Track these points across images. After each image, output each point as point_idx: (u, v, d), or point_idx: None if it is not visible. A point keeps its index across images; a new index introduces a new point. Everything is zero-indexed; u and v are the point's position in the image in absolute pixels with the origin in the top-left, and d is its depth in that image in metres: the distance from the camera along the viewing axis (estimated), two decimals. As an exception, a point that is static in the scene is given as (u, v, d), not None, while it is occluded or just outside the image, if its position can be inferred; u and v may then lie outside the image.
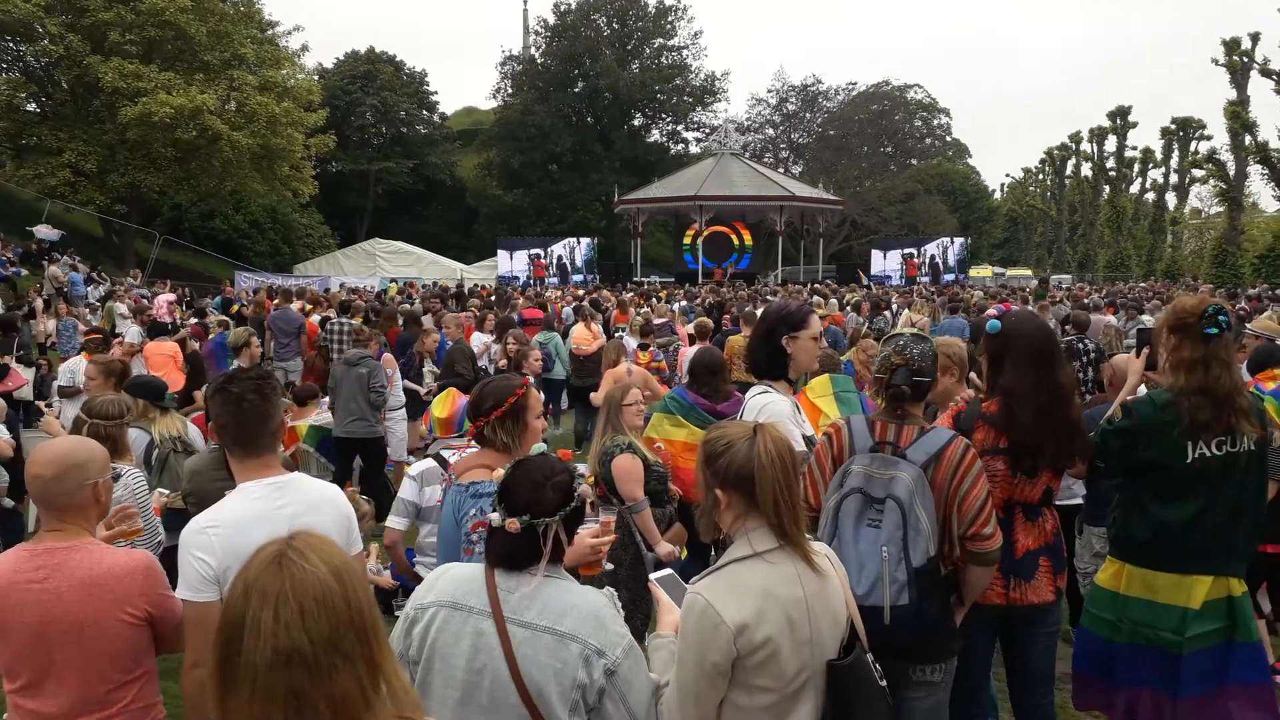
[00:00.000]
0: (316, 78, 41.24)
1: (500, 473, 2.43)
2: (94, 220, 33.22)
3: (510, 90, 52.24)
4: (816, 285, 27.77)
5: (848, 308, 15.35)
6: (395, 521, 4.17)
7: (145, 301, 17.77)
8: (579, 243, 39.28)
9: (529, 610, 2.24)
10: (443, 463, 3.84)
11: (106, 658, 2.60)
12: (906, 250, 40.01)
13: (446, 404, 5.13)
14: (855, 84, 55.38)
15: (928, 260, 39.74)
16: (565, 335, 12.58)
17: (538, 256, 37.97)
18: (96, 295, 22.34)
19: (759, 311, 10.08)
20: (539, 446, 3.50)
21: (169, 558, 4.67)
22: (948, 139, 60.01)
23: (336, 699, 1.42)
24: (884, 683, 2.40)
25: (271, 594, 1.42)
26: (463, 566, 2.44)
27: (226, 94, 31.13)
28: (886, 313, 16.22)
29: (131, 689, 2.67)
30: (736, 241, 40.63)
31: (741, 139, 51.31)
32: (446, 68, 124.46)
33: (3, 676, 2.66)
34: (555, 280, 35.87)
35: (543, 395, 8.04)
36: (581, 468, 4.67)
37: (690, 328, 11.94)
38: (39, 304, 18.87)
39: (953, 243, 41.28)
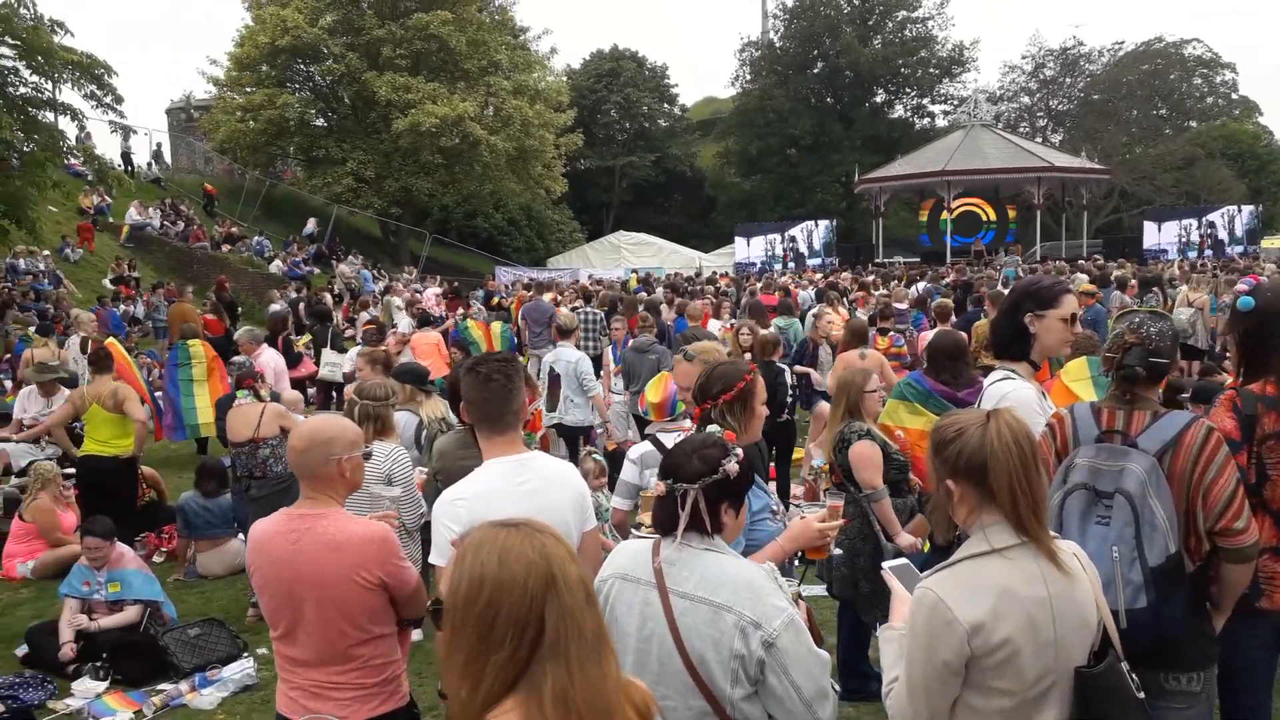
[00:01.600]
0: (565, 79, 43.12)
1: None
2: (373, 223, 36.66)
3: (749, 77, 52.13)
4: (1081, 261, 25.75)
5: (1111, 285, 14.10)
6: (619, 502, 4.34)
7: (417, 295, 19.35)
8: (817, 225, 38.60)
9: (687, 581, 2.32)
10: (659, 446, 3.94)
11: (344, 616, 2.85)
12: (1185, 221, 36.11)
13: (659, 388, 5.23)
14: (1122, 43, 50.55)
15: (1209, 231, 35.66)
16: (803, 320, 12.46)
17: (776, 241, 37.69)
18: (377, 290, 24.61)
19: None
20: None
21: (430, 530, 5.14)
22: (1233, 97, 53.42)
23: (605, 631, 1.61)
24: (1142, 695, 2.22)
25: (564, 554, 1.59)
26: (638, 541, 2.54)
27: (484, 100, 33.26)
28: (1157, 290, 14.79)
29: (369, 647, 2.91)
30: (985, 218, 38.39)
31: (993, 109, 48.35)
32: (687, 59, 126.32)
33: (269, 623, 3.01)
34: (792, 265, 35.51)
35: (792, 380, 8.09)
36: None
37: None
38: (329, 300, 21.05)
39: (1240, 211, 36.73)
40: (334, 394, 12.21)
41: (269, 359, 9.76)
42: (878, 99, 51.97)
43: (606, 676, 1.54)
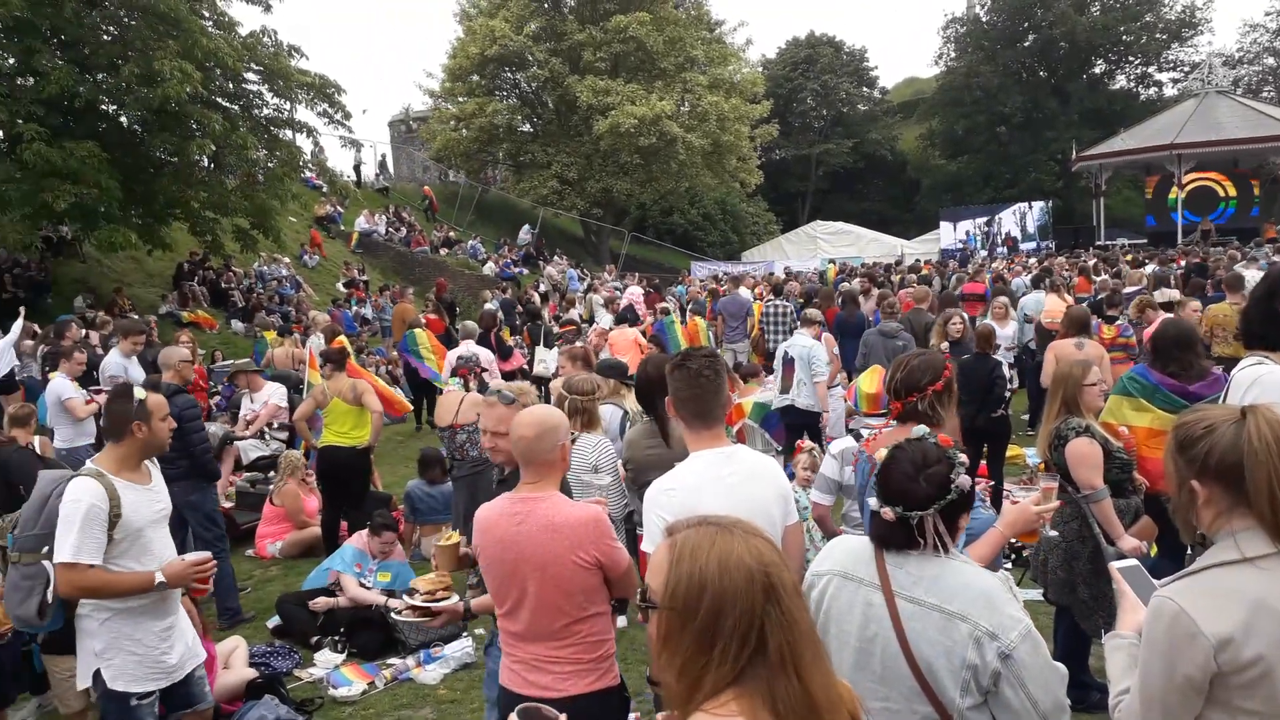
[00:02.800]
0: (760, 69, 42.90)
1: (884, 453, 2.42)
2: (576, 223, 37.91)
3: (953, 54, 49.99)
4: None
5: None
6: (819, 497, 4.31)
7: (616, 293, 19.85)
8: (1030, 207, 36.49)
9: (917, 587, 2.25)
10: (861, 440, 3.88)
11: (563, 594, 3.00)
12: None
13: (874, 379, 5.11)
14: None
15: None
16: (1014, 305, 11.85)
17: (991, 222, 35.90)
18: (580, 289, 25.43)
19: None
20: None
21: (632, 519, 5.28)
22: None
23: (816, 633, 1.64)
24: None
25: (779, 559, 1.60)
26: (857, 538, 2.48)
27: (681, 97, 33.62)
28: None
29: (585, 624, 3.05)
30: (1223, 193, 34.97)
31: (1230, 74, 43.93)
32: (887, 40, 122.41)
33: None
34: (1002, 250, 33.73)
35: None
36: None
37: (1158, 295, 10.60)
38: (536, 299, 21.96)
39: None
40: (542, 389, 12.72)
41: (481, 353, 10.33)
42: (1096, 70, 48.52)
43: (824, 679, 1.55)
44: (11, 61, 15.51)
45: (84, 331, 11.67)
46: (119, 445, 3.78)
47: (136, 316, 15.23)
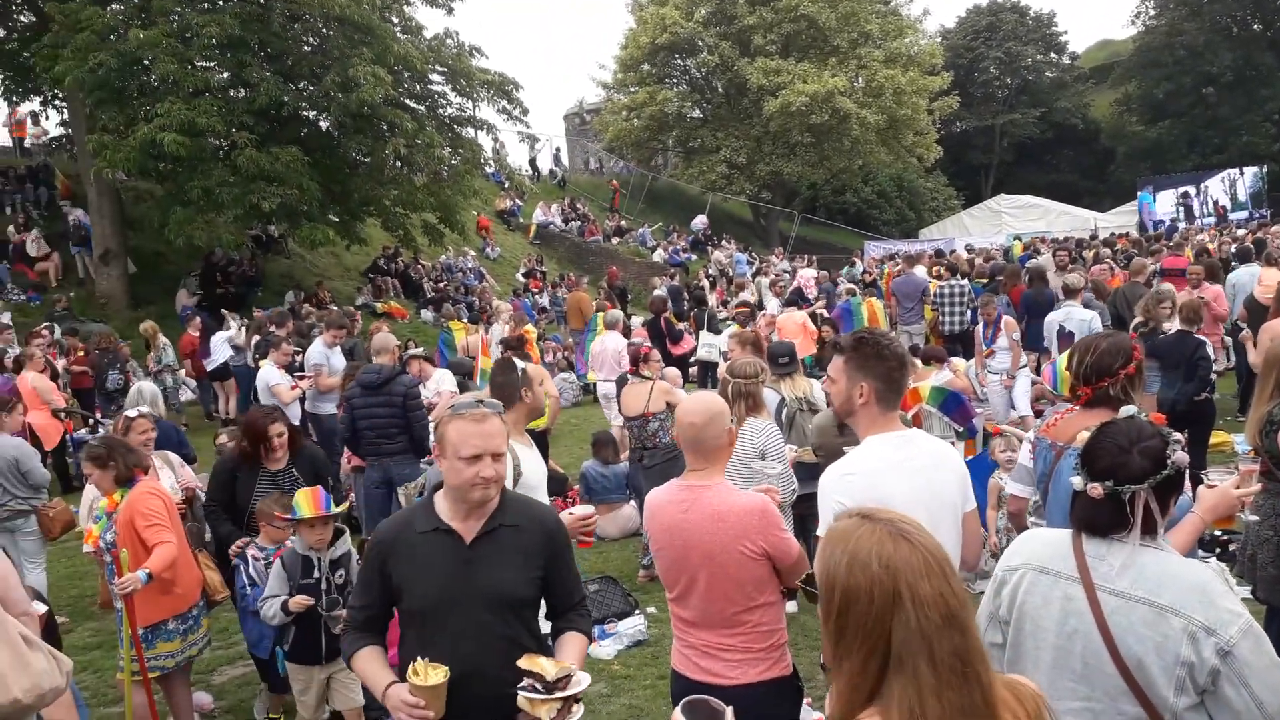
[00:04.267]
0: (938, 40, 41.23)
1: (1085, 435, 2.30)
2: (745, 207, 37.74)
3: (1152, 12, 46.30)
4: None
5: None
6: (1017, 488, 4.14)
7: (783, 276, 19.66)
8: (1241, 173, 33.41)
9: (1121, 579, 2.12)
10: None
11: (732, 583, 2.99)
12: None
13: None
14: None
15: None
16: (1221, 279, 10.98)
17: (1186, 195, 33.16)
18: (749, 273, 25.33)
19: None
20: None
21: (803, 504, 5.25)
22: None
23: (974, 652, 1.54)
24: None
25: (918, 567, 1.53)
26: (1051, 530, 2.38)
27: (855, 73, 32.82)
28: None
29: (755, 614, 3.03)
30: None
31: None
32: (1076, 2, 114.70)
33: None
34: (1210, 220, 31.06)
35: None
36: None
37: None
38: (705, 284, 22.05)
39: None
40: (707, 374, 12.83)
41: (616, 343, 10.66)
42: (1322, 17, 43.77)
43: (969, 701, 1.49)
44: (226, 75, 16.95)
45: (291, 323, 12.65)
46: (509, 412, 4.05)
47: (336, 308, 16.36)
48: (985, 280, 13.79)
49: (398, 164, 18.79)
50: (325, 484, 4.96)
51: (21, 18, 18.86)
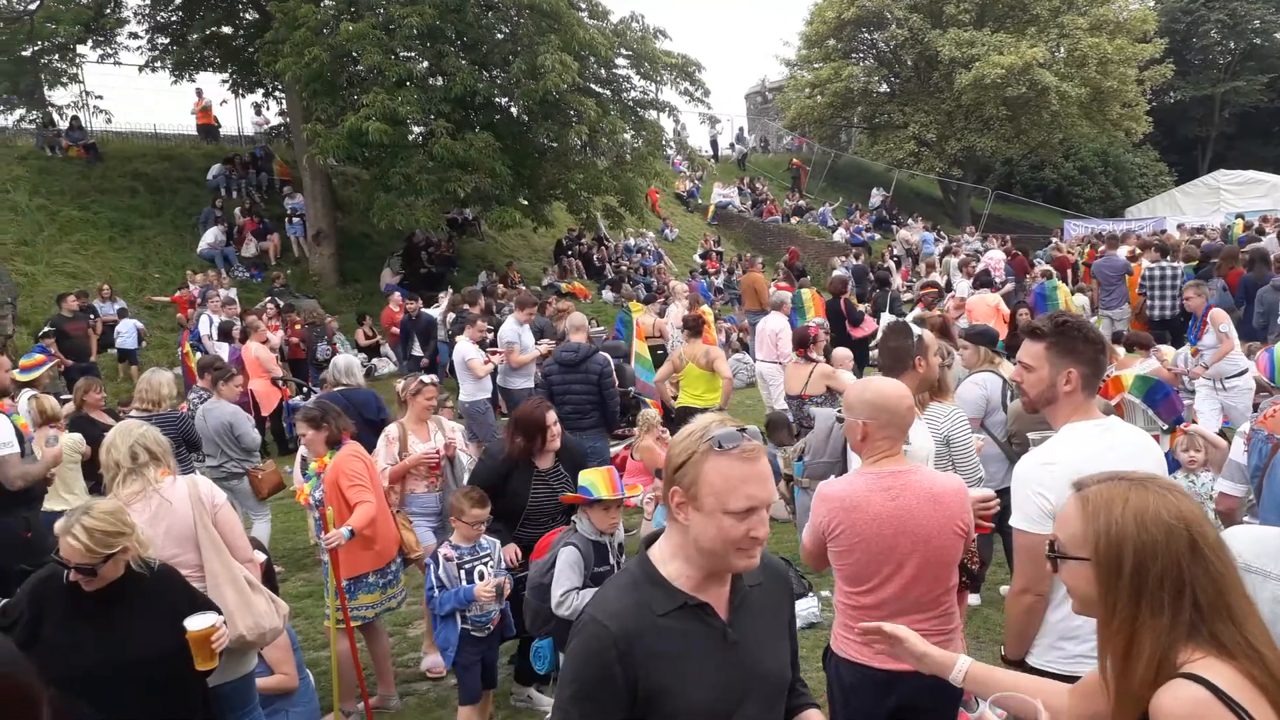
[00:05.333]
0: (1151, 4, 38.22)
1: None
2: (933, 184, 36.36)
3: None
4: None
5: None
6: (1228, 486, 3.86)
7: (974, 257, 18.84)
8: None
9: None
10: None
11: (944, 564, 2.99)
12: None
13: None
14: None
15: None
16: None
17: None
18: (937, 253, 24.44)
19: None
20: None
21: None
22: None
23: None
24: None
25: (1200, 515, 1.58)
26: (1261, 528, 2.22)
27: (1055, 43, 30.95)
28: None
29: (949, 596, 3.03)
30: None
31: None
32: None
33: (840, 581, 3.11)
34: None
35: None
36: None
37: None
38: (891, 264, 21.45)
39: None
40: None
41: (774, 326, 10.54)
42: None
43: (1264, 634, 1.53)
44: (425, 65, 17.86)
45: (483, 301, 13.27)
46: (901, 378, 4.16)
47: (524, 288, 17.02)
48: (1196, 263, 12.72)
49: (583, 148, 19.25)
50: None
51: (247, 16, 20.52)
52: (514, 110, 18.80)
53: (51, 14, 17.94)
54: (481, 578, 4.56)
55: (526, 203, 19.15)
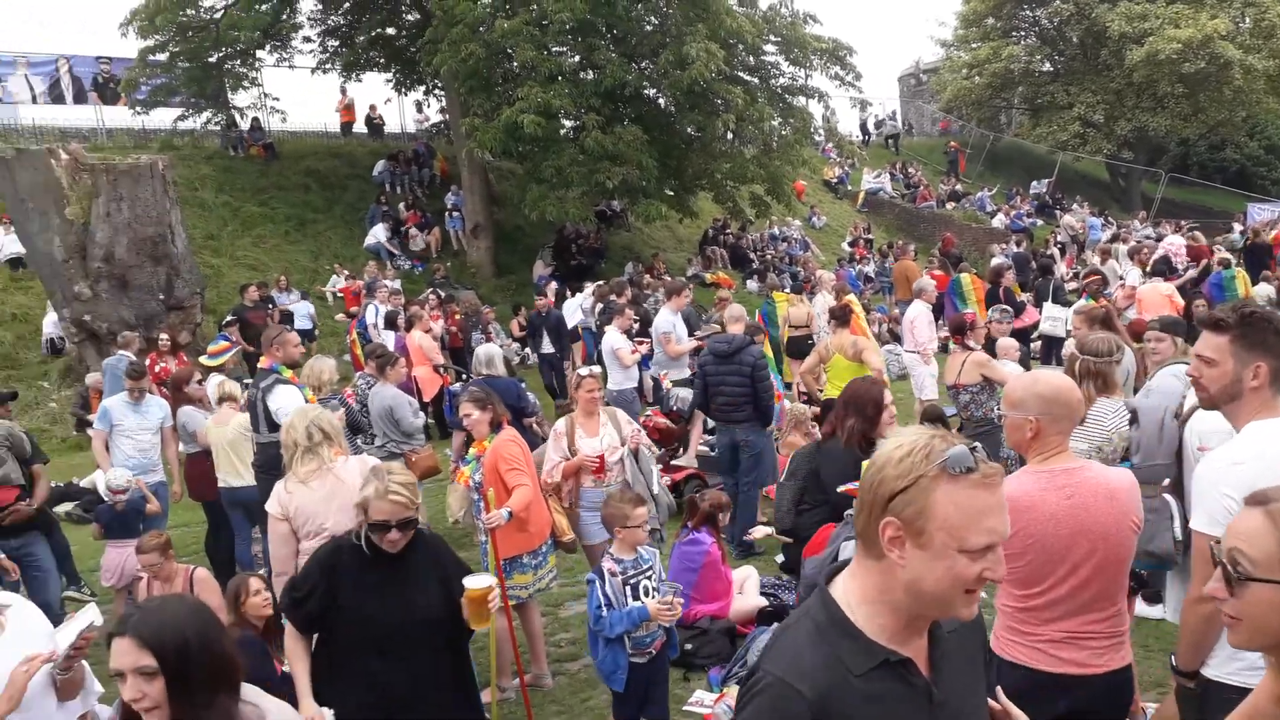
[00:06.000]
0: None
1: None
2: (1100, 167, 34.37)
3: None
4: None
5: None
6: None
7: (1150, 243, 17.73)
8: None
9: None
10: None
11: (1117, 563, 2.86)
12: None
13: None
14: None
15: None
16: None
17: None
18: (1104, 239, 23.17)
19: None
20: None
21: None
22: None
23: None
24: None
25: None
26: None
27: (1240, 13, 28.71)
28: None
29: (1122, 596, 2.90)
30: None
31: None
32: None
33: (1007, 583, 2.94)
34: None
35: None
36: None
37: None
38: (1055, 251, 20.46)
39: None
40: (1052, 350, 11.96)
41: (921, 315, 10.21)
42: None
43: None
44: (576, 59, 18.21)
45: (629, 291, 13.47)
46: None
47: (670, 279, 17.13)
48: None
49: (729, 137, 19.21)
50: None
51: (409, 16, 21.44)
52: (661, 101, 18.94)
53: (234, 21, 19.25)
54: (646, 593, 4.26)
55: (672, 194, 19.27)
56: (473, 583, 3.47)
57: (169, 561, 5.30)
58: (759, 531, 6.93)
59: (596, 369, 6.13)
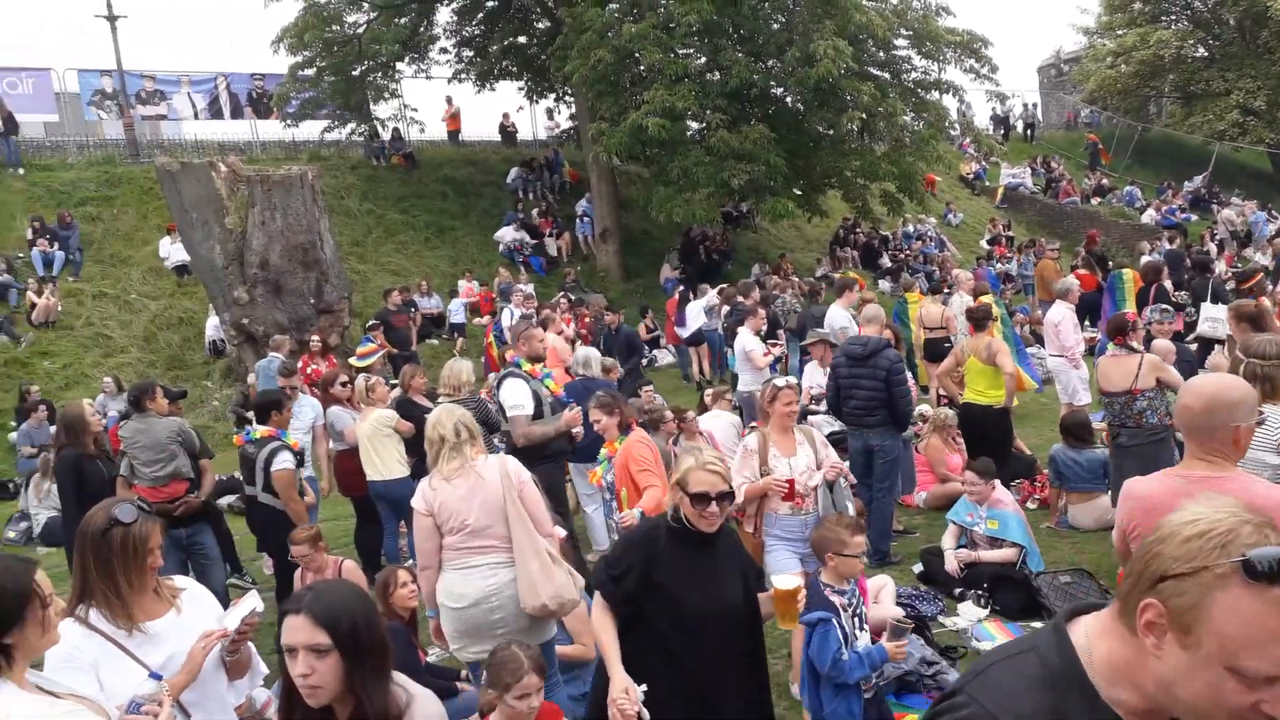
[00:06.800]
0: None
1: None
2: (1263, 158, 32.11)
3: None
4: None
5: None
6: None
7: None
8: None
9: None
10: None
11: None
12: None
13: None
14: None
15: None
16: None
17: None
18: (1270, 233, 21.69)
19: None
20: None
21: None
22: None
23: None
24: None
25: None
26: None
27: None
28: None
29: None
30: None
31: None
32: None
33: None
34: None
35: None
36: None
37: None
38: (1212, 248, 19.27)
39: None
40: (1203, 352, 11.24)
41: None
42: None
43: None
44: (702, 60, 18.24)
45: (758, 293, 13.38)
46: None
47: (797, 279, 16.97)
48: None
49: (859, 134, 18.87)
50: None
51: (540, 25, 21.93)
52: (789, 100, 18.78)
53: (376, 35, 20.13)
54: (862, 628, 4.10)
55: (800, 193, 19.07)
56: (783, 581, 3.48)
57: (320, 553, 5.59)
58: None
59: (793, 379, 5.54)
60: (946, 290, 15.40)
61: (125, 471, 6.42)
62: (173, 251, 17.09)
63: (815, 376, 8.98)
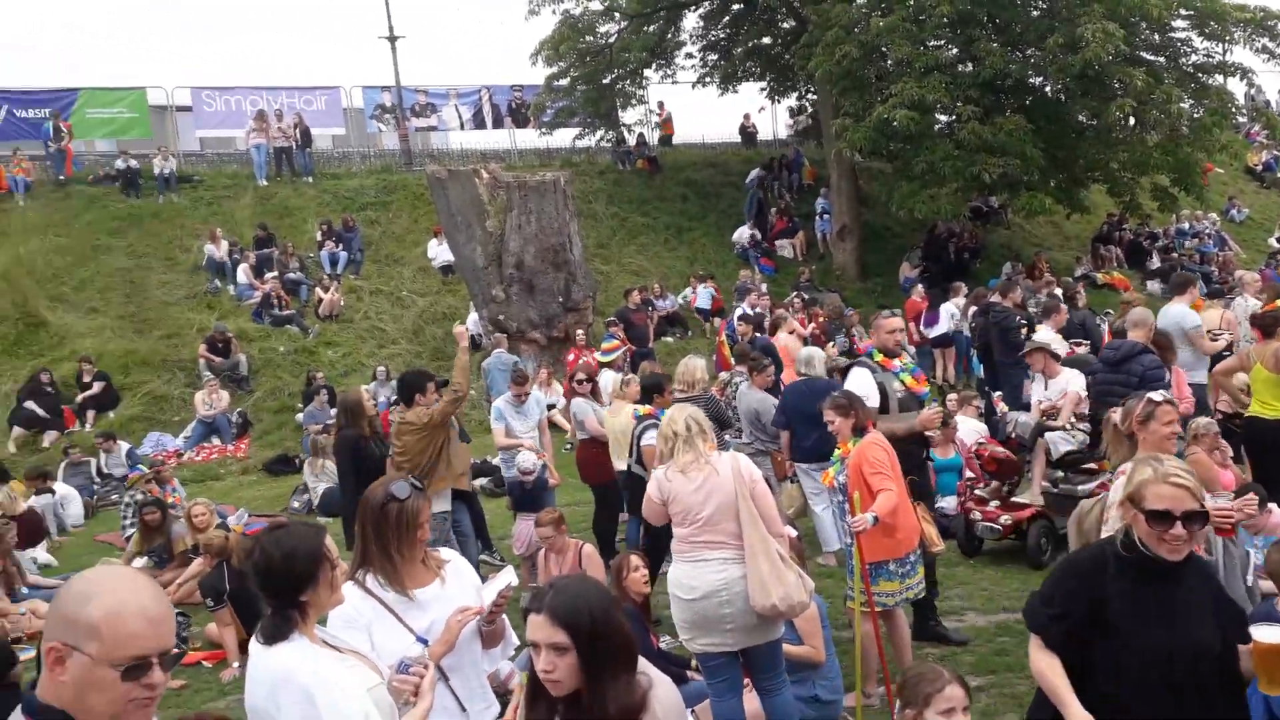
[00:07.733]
0: None
1: None
2: None
3: None
4: None
5: None
6: None
7: None
8: None
9: None
10: None
11: None
12: None
13: None
14: None
15: None
16: None
17: None
18: None
19: None
20: None
21: None
22: None
23: None
24: None
25: None
26: None
27: None
28: None
29: None
30: None
31: None
32: None
33: None
34: None
35: None
36: None
37: None
38: None
39: None
40: None
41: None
42: None
43: None
44: (954, 52, 17.53)
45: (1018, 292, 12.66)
46: None
47: (1052, 279, 15.94)
48: None
49: (1129, 123, 17.45)
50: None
51: (785, 25, 21.88)
52: (1048, 89, 17.70)
53: (626, 44, 20.87)
54: None
55: (1059, 187, 17.89)
56: (1265, 634, 2.70)
57: (561, 535, 5.93)
58: None
59: (1161, 394, 4.47)
60: (1229, 292, 14.01)
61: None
62: (439, 252, 18.50)
63: (1037, 391, 8.45)
